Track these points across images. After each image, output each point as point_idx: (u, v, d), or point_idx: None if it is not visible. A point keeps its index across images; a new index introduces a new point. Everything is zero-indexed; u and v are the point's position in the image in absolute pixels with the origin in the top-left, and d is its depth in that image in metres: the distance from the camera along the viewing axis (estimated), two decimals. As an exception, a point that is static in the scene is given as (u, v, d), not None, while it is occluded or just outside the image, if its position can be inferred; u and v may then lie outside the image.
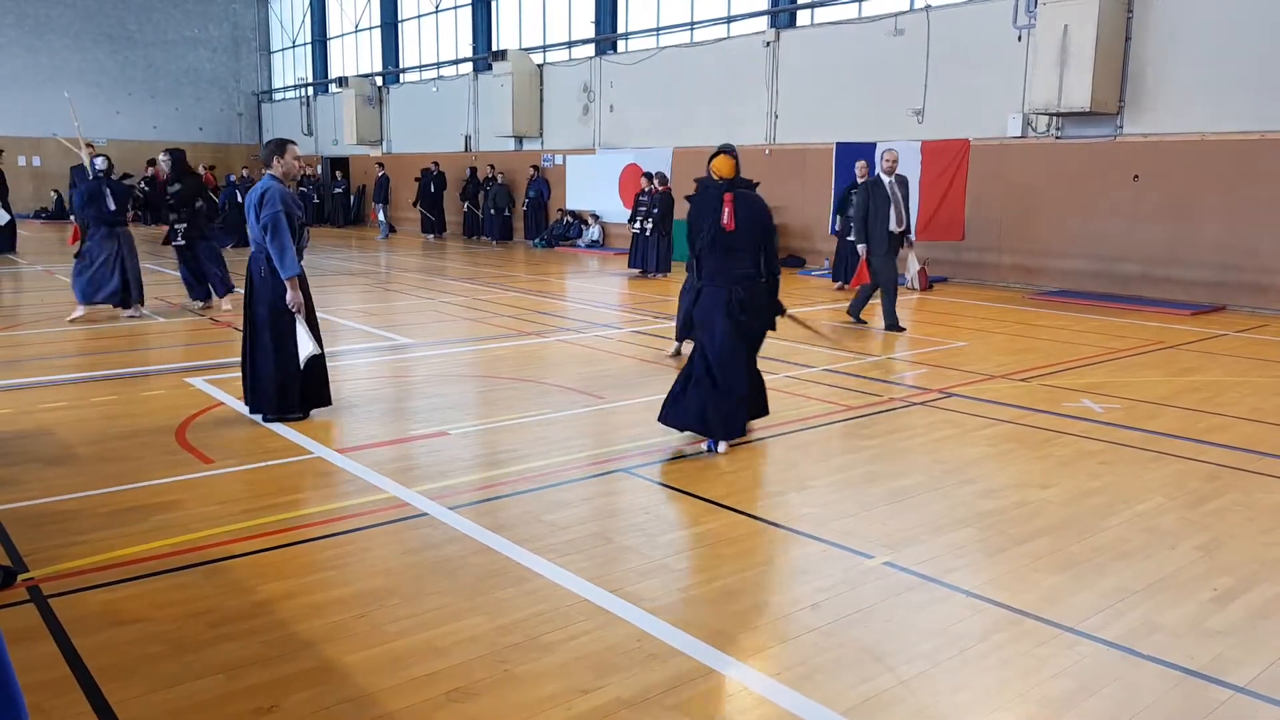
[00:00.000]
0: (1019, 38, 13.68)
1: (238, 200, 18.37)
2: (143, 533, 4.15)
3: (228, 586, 3.64)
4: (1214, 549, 4.12)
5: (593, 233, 20.99)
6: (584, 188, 20.88)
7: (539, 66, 22.35)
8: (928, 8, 14.79)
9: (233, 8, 34.53)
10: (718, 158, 5.59)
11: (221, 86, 34.50)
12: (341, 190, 28.50)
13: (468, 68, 24.80)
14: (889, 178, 9.80)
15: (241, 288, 6.56)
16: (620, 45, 20.72)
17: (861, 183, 10.07)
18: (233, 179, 22.30)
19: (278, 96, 34.67)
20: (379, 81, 28.11)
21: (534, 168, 22.20)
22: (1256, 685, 2.99)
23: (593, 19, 21.01)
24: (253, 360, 6.05)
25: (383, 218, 24.48)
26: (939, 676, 3.03)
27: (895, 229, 9.82)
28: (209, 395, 6.76)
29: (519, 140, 23.04)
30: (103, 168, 10.46)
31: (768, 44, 17.10)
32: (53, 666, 3.03)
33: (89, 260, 10.18)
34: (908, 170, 14.54)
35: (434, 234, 24.06)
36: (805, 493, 4.86)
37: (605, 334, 9.74)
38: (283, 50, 34.58)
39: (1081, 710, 2.84)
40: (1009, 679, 3.02)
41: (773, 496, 4.80)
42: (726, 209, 5.45)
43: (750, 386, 5.67)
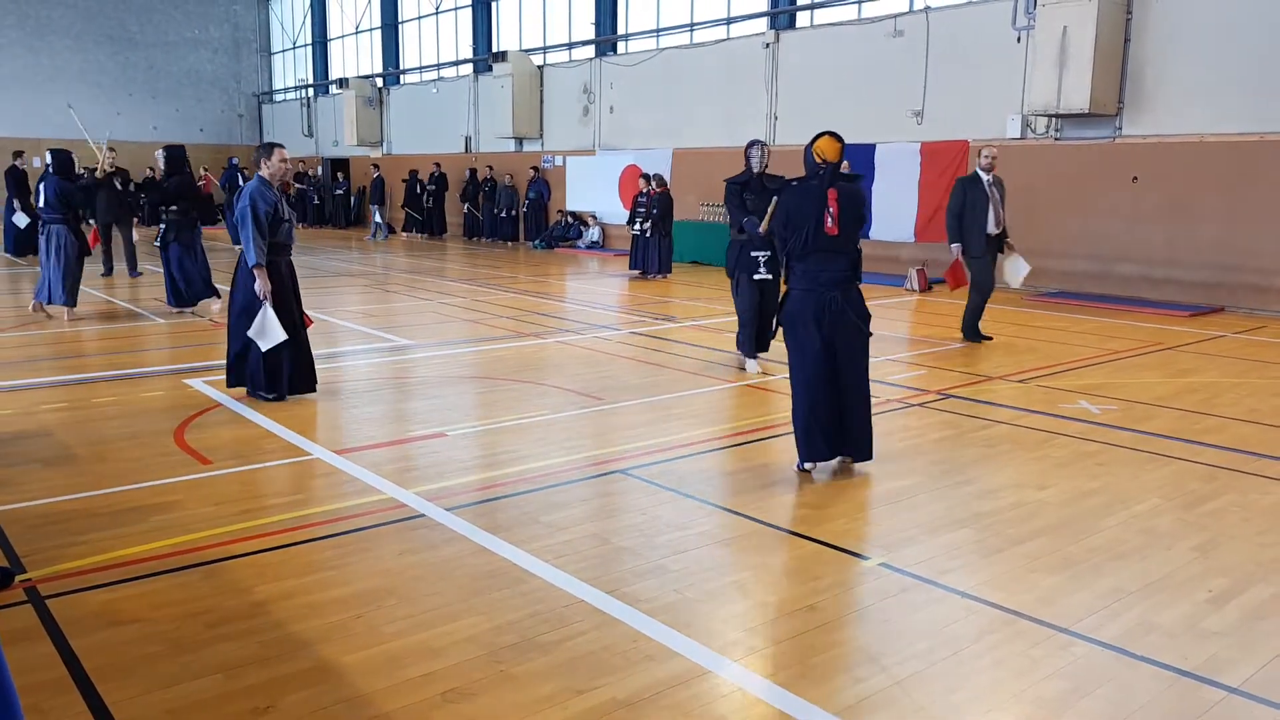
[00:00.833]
0: (1018, 39, 13.69)
1: (239, 183, 18.86)
2: (141, 533, 4.16)
3: (226, 587, 3.65)
4: (1210, 550, 4.12)
5: (593, 234, 21.00)
6: (584, 189, 20.90)
7: (539, 68, 22.37)
8: (927, 9, 14.80)
9: (233, 9, 34.56)
10: (823, 139, 5.02)
11: (222, 88, 34.52)
12: (342, 191, 28.52)
13: (468, 69, 24.83)
14: (987, 176, 9.17)
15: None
16: (620, 46, 20.73)
17: (958, 180, 9.53)
18: (235, 161, 22.56)
19: (278, 98, 34.70)
20: (379, 83, 28.14)
21: (534, 169, 22.22)
22: (1250, 686, 2.99)
23: (593, 20, 21.03)
24: (228, 339, 6.60)
25: (378, 219, 24.57)
26: (934, 677, 3.04)
27: (993, 230, 9.27)
28: (208, 396, 6.77)
29: (519, 141, 23.06)
30: (48, 162, 10.38)
31: (767, 45, 17.12)
32: (50, 667, 3.04)
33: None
34: (904, 172, 14.58)
35: (418, 233, 24.38)
36: (802, 494, 4.87)
37: (604, 335, 9.75)
38: (283, 51, 34.60)
39: (1076, 710, 2.85)
40: (1004, 679, 3.03)
41: (769, 498, 4.80)
42: (832, 209, 4.94)
43: (844, 414, 5.09)
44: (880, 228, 14.70)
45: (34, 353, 8.51)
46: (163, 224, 10.85)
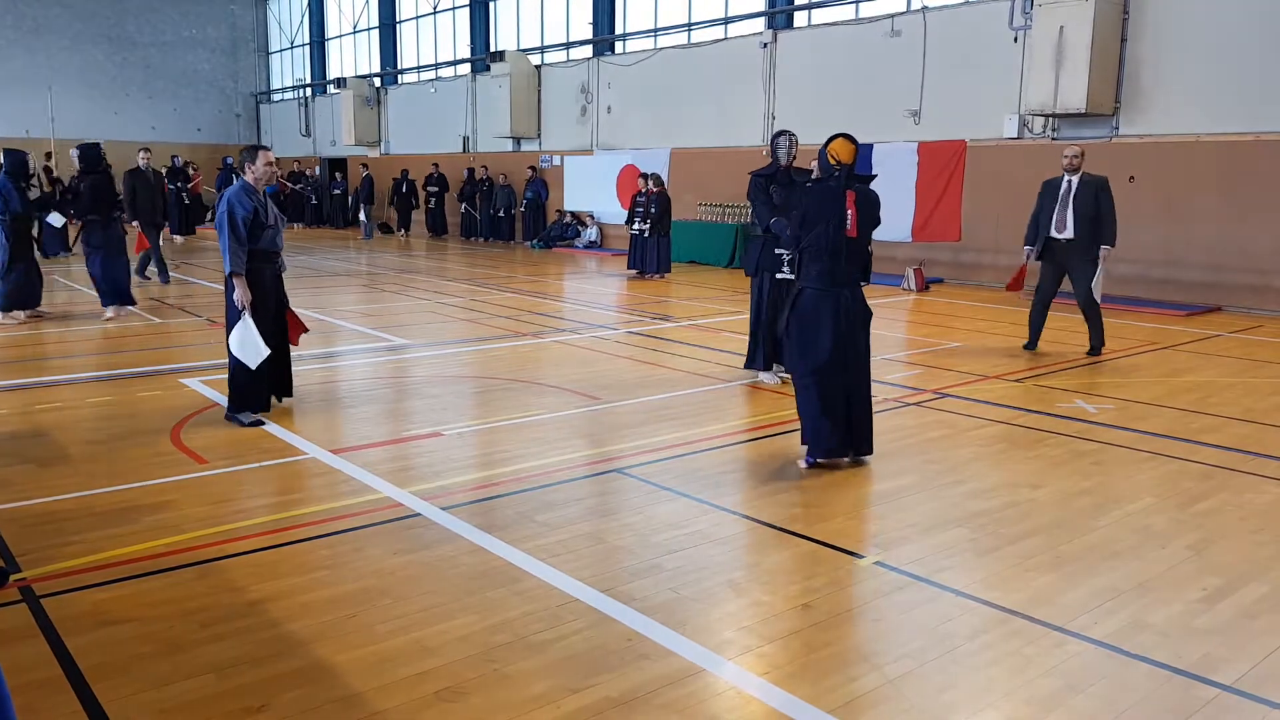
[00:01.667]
0: (1015, 39, 13.70)
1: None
2: (136, 533, 4.16)
3: (220, 586, 3.65)
4: (1204, 549, 4.13)
5: (590, 233, 21.01)
6: (582, 189, 20.88)
7: (537, 67, 22.37)
8: (924, 9, 14.81)
9: (231, 9, 34.53)
10: (837, 141, 5.06)
11: (220, 87, 34.49)
12: (340, 191, 28.52)
13: (466, 69, 24.82)
14: (1069, 176, 8.50)
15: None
16: (618, 46, 20.73)
17: (1043, 182, 8.87)
18: (229, 161, 22.58)
19: (276, 97, 34.67)
20: (377, 82, 28.13)
21: (531, 168, 22.22)
22: (1243, 684, 3.00)
23: (590, 20, 21.03)
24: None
25: (363, 218, 24.67)
26: (927, 675, 3.05)
27: (1058, 234, 8.52)
28: (204, 396, 6.77)
29: (517, 141, 23.06)
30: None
31: (765, 45, 17.12)
32: (44, 666, 3.04)
33: None
34: (901, 172, 14.55)
35: (402, 232, 24.78)
36: (797, 493, 4.87)
37: (602, 335, 9.75)
38: (281, 51, 34.59)
39: (1068, 708, 2.85)
40: (997, 678, 3.04)
41: (765, 496, 4.81)
42: (851, 212, 4.96)
43: (850, 409, 5.15)
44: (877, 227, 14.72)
45: (29, 353, 8.50)
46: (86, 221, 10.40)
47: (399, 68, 28.05)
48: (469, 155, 24.45)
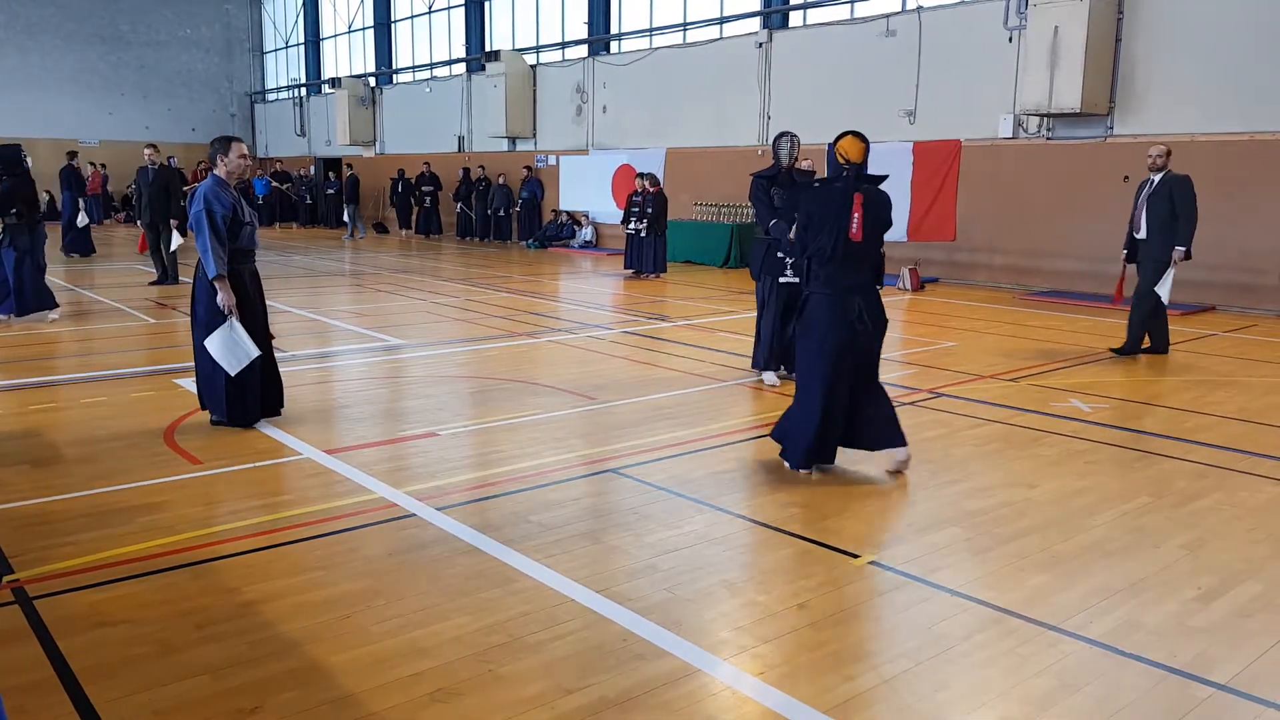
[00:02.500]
0: (1010, 39, 13.72)
1: None
2: (130, 534, 4.15)
3: (214, 587, 3.64)
4: (1199, 548, 4.13)
5: (586, 233, 20.99)
6: (577, 188, 20.86)
7: (532, 67, 22.36)
8: (919, 9, 14.82)
9: (225, 8, 34.47)
10: (846, 139, 4.84)
11: (214, 87, 34.43)
12: (334, 191, 28.46)
13: (461, 68, 24.80)
14: (1153, 175, 8.41)
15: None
16: (613, 46, 20.73)
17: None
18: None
19: (271, 97, 34.62)
20: (372, 82, 28.10)
21: (527, 168, 22.20)
22: (1237, 683, 3.00)
23: (586, 20, 21.02)
24: (195, 359, 5.91)
25: (347, 218, 24.71)
26: (922, 675, 3.05)
27: (1137, 235, 8.52)
28: (197, 396, 6.74)
29: (512, 141, 23.04)
30: None
31: (760, 45, 17.13)
32: (37, 668, 3.03)
33: None
34: (896, 172, 14.53)
35: (405, 232, 25.01)
36: (792, 492, 4.87)
37: (598, 335, 9.75)
38: (276, 51, 34.54)
39: (1063, 708, 2.85)
40: (992, 677, 3.04)
41: (760, 497, 4.81)
42: (856, 216, 4.74)
43: (873, 409, 5.03)
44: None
45: (22, 353, 8.47)
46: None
47: (394, 67, 28.02)
48: (464, 155, 24.43)
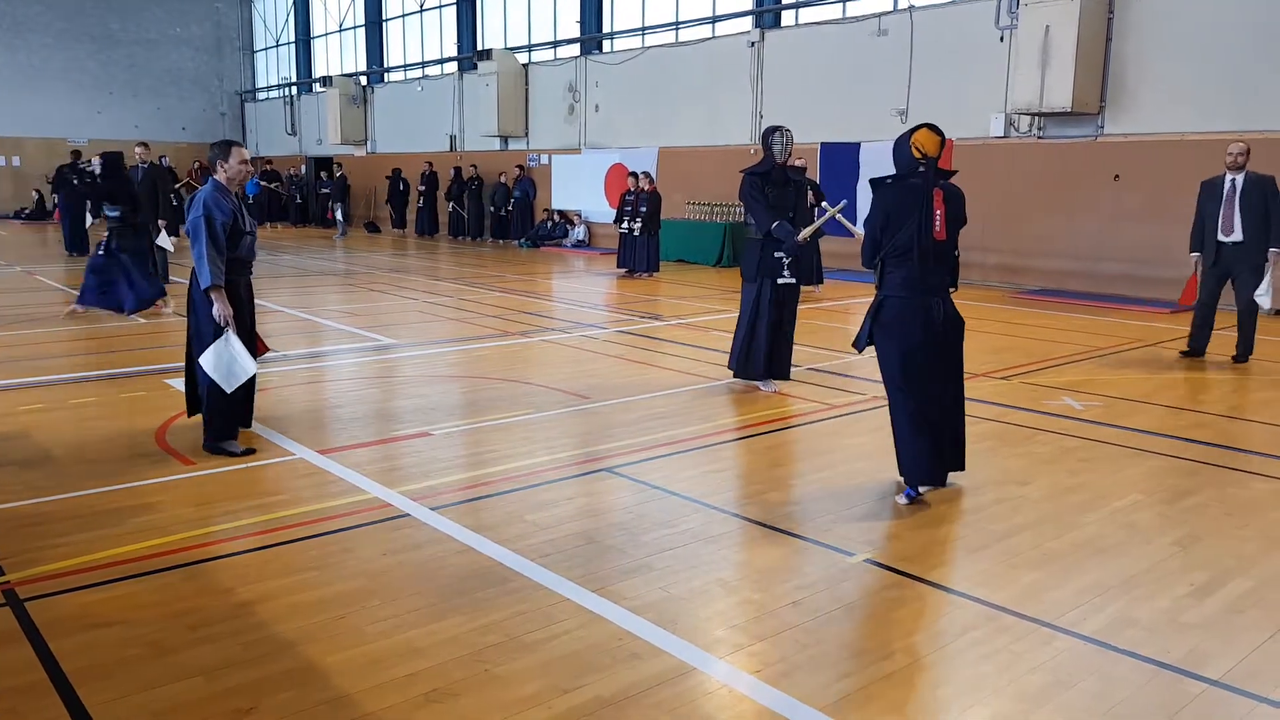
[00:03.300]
0: (1001, 38, 13.75)
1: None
2: (121, 535, 4.13)
3: (208, 588, 3.62)
4: (1190, 544, 4.15)
5: (579, 233, 20.98)
6: (570, 188, 20.86)
7: (524, 66, 22.32)
8: (911, 8, 14.85)
9: (215, 6, 34.34)
10: (921, 131, 4.56)
11: (204, 86, 34.30)
12: (327, 190, 28.39)
13: (453, 67, 24.75)
14: (1232, 175, 8.08)
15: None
16: (605, 45, 20.71)
17: (1201, 183, 8.43)
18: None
19: (261, 96, 34.50)
20: (363, 81, 28.02)
21: (519, 167, 22.17)
22: (1230, 678, 3.02)
23: (578, 19, 21.00)
24: (186, 366, 5.64)
25: (339, 216, 24.72)
26: (918, 672, 3.05)
27: (1224, 237, 8.08)
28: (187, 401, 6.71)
29: (504, 140, 23.01)
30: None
31: (752, 44, 17.13)
32: (29, 670, 3.01)
33: None
34: (889, 171, 14.55)
35: (399, 231, 25.05)
36: (786, 491, 4.88)
37: (591, 334, 9.74)
38: (266, 49, 34.41)
39: (1058, 704, 2.86)
40: (987, 674, 3.04)
41: (755, 495, 4.81)
42: (939, 213, 4.51)
43: (945, 423, 4.72)
44: (855, 220, 14.77)
45: (12, 353, 8.43)
46: None
47: (385, 66, 27.95)
48: (456, 154, 24.39)
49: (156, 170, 13.14)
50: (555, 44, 21.74)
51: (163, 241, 12.35)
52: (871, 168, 14.95)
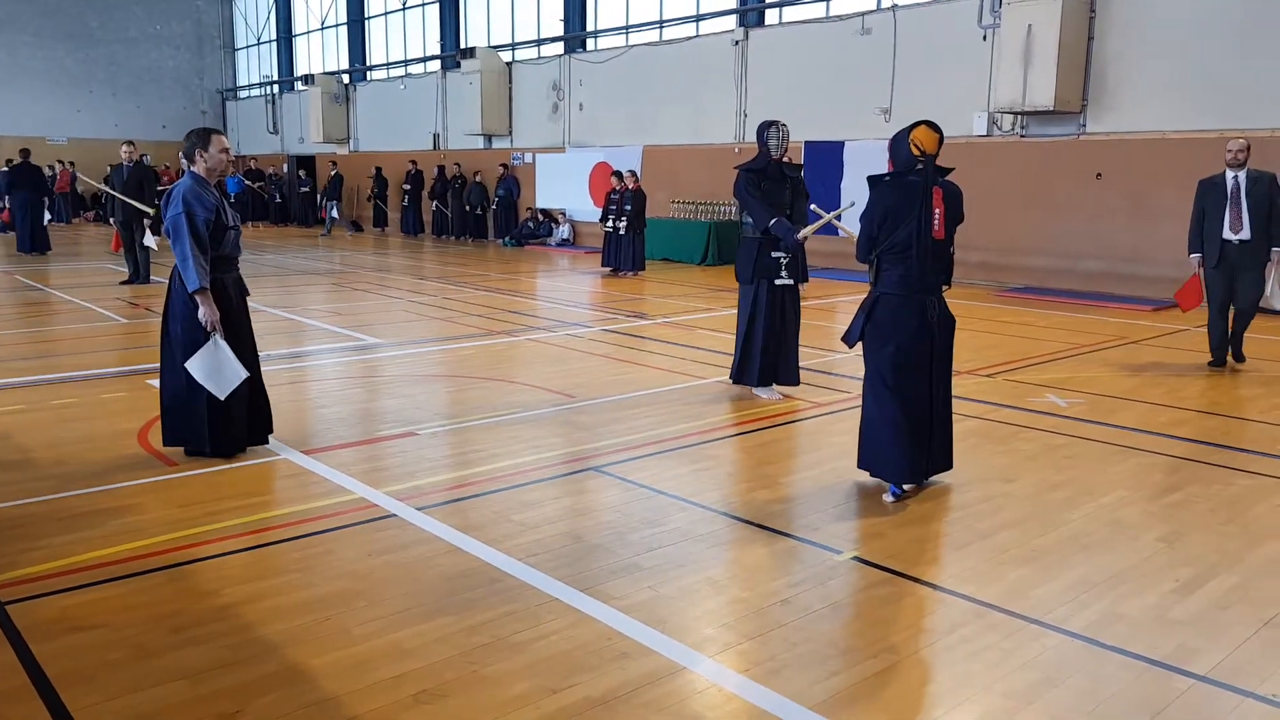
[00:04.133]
0: (984, 37, 13.82)
1: None
2: (103, 537, 4.08)
3: (191, 590, 3.59)
4: (1175, 540, 4.18)
5: (563, 231, 20.94)
6: (554, 186, 20.82)
7: (508, 64, 22.26)
8: (894, 7, 14.90)
9: (196, 4, 34.09)
10: (920, 129, 4.55)
11: (185, 84, 34.04)
12: (308, 189, 28.24)
13: (436, 65, 24.65)
14: (1234, 172, 7.80)
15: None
16: (589, 43, 20.68)
17: (1199, 182, 8.15)
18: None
19: (242, 94, 34.27)
20: (346, 79, 27.87)
21: (502, 165, 22.11)
22: (1217, 674, 3.03)
23: (562, 17, 20.96)
24: (161, 382, 5.22)
25: (335, 214, 24.68)
26: (906, 670, 3.05)
27: (1232, 235, 7.79)
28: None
29: (488, 139, 22.94)
30: None
31: (736, 43, 17.14)
32: (10, 675, 2.97)
33: None
34: (873, 169, 14.55)
35: (380, 229, 25.13)
36: (774, 489, 4.87)
37: (576, 333, 9.72)
38: (247, 47, 34.18)
39: (1046, 701, 2.87)
40: (975, 671, 3.05)
41: (742, 493, 4.81)
42: (939, 211, 4.52)
43: (936, 424, 4.73)
44: (850, 223, 14.81)
45: (-8, 354, 8.33)
46: None
47: (368, 64, 27.81)
48: (440, 153, 24.30)
49: (142, 169, 13.05)
50: (539, 42, 21.69)
51: (148, 241, 12.26)
52: (855, 166, 14.99)
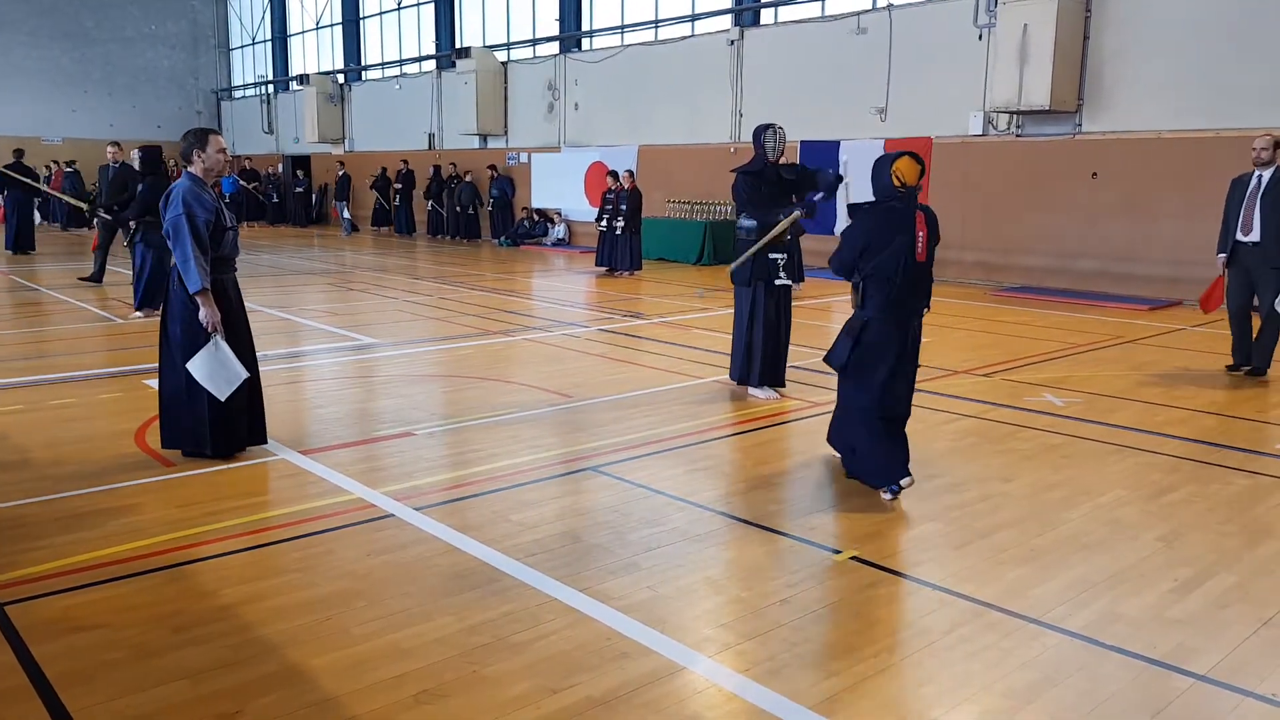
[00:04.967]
0: (980, 37, 13.84)
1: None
2: (102, 537, 4.07)
3: (190, 591, 3.58)
4: (1173, 540, 4.19)
5: (558, 231, 20.94)
6: (549, 186, 20.82)
7: (503, 64, 22.25)
8: (890, 7, 14.91)
9: (191, 4, 34.02)
10: (903, 161, 4.66)
11: (180, 84, 33.97)
12: (303, 189, 28.21)
13: (431, 65, 24.63)
14: (1258, 171, 7.49)
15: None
16: (585, 43, 20.67)
17: (1232, 180, 7.84)
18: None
19: (238, 94, 34.21)
20: (341, 79, 27.84)
21: (490, 167, 22.07)
22: (1216, 673, 3.04)
23: (557, 17, 20.95)
24: (160, 384, 5.22)
25: (346, 215, 24.63)
26: (906, 669, 3.06)
27: (1243, 236, 7.51)
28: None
29: (483, 138, 22.93)
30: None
31: (732, 42, 17.15)
32: (9, 675, 2.97)
33: None
34: (869, 169, 14.59)
35: (381, 229, 25.05)
36: (772, 489, 4.88)
37: (573, 332, 9.72)
38: (242, 47, 34.12)
39: (1046, 700, 2.88)
40: (975, 671, 3.05)
41: (740, 493, 4.81)
42: (921, 235, 4.65)
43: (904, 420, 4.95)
44: (844, 225, 14.83)
45: (-12, 354, 8.31)
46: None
47: (363, 64, 27.78)
48: (435, 152, 24.28)
49: (127, 170, 13.02)
50: (534, 42, 21.68)
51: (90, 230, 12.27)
52: (851, 165, 14.98)
